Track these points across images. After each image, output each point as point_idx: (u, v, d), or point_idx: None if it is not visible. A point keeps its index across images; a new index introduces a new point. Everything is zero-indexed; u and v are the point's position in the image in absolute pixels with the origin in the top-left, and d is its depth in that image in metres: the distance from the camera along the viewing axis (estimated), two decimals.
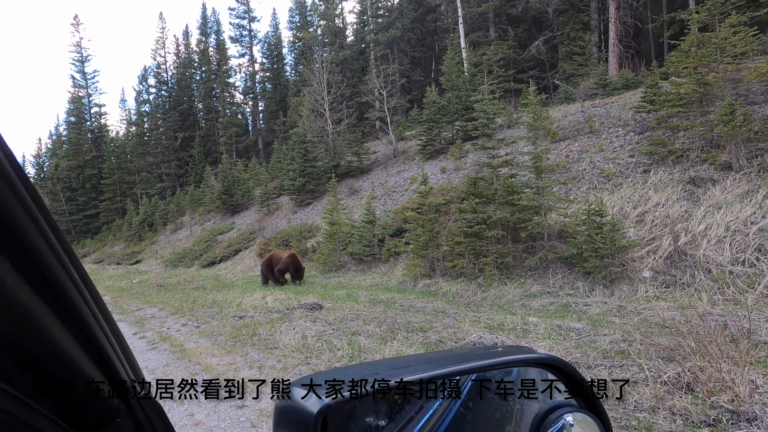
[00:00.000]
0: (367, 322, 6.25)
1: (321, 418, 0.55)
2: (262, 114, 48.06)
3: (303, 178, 20.77)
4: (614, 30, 22.76)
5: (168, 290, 12.64)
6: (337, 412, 0.60)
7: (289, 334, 5.91)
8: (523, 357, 0.77)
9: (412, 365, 0.71)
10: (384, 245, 11.71)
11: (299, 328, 6.16)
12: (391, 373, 0.66)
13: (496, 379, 0.73)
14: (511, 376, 0.75)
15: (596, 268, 6.76)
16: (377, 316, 6.57)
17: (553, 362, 0.70)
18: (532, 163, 8.22)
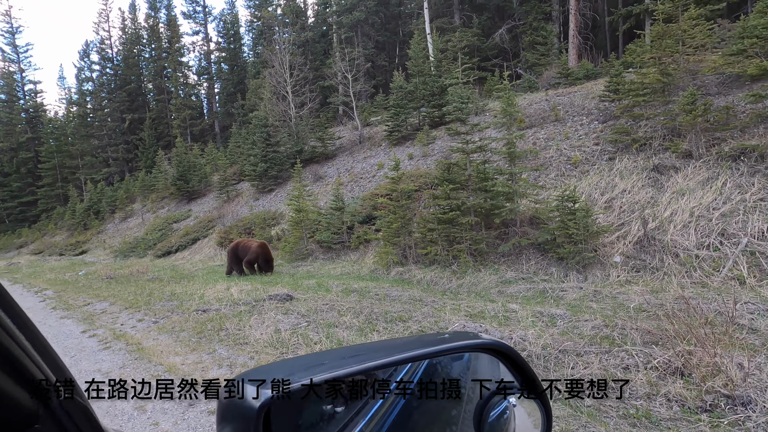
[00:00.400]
0: (342, 313, 5.98)
1: (263, 413, 0.53)
2: (219, 96, 45.83)
3: (265, 163, 19.95)
4: (574, 22, 23.23)
5: (119, 282, 11.74)
6: (282, 406, 0.58)
7: (260, 328, 5.53)
8: (471, 343, 0.78)
9: (362, 354, 0.70)
10: (353, 232, 11.41)
11: (271, 322, 5.79)
12: (340, 363, 0.65)
13: (444, 364, 0.75)
14: (461, 360, 0.76)
15: (570, 254, 6.83)
16: (353, 306, 6.31)
17: (499, 347, 0.71)
18: (506, 149, 8.17)
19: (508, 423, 0.70)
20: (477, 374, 0.75)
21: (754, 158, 7.22)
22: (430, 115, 18.21)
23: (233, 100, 40.90)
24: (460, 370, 0.76)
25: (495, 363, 0.74)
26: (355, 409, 0.67)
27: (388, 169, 17.15)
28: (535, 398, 0.71)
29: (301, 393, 0.59)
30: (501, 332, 4.53)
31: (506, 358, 0.74)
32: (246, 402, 0.54)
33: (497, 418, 0.69)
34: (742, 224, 6.12)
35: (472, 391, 0.74)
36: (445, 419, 0.72)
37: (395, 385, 0.71)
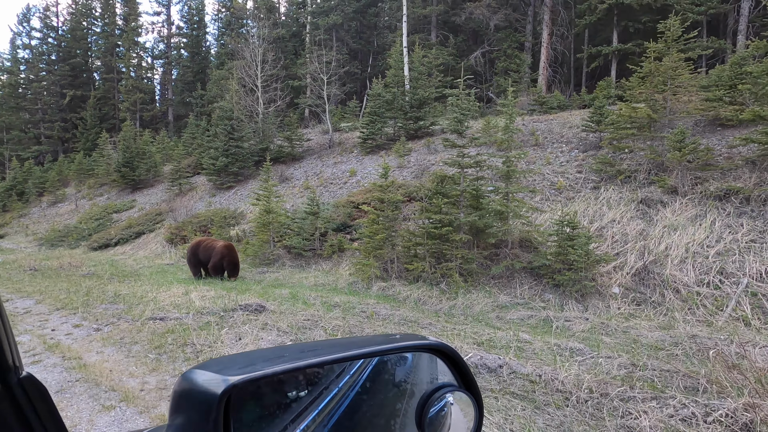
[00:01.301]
0: (329, 332, 5.24)
1: (225, 398, 0.52)
2: (175, 84, 43.07)
3: (226, 158, 18.61)
4: (545, 54, 24.12)
5: (47, 276, 10.10)
6: (242, 393, 0.58)
7: (235, 346, 4.67)
8: (416, 343, 0.81)
9: (318, 350, 0.73)
10: (326, 240, 10.64)
11: (247, 338, 4.94)
12: (300, 356, 0.69)
13: (393, 363, 0.79)
14: (406, 360, 0.80)
15: (569, 281, 6.56)
16: (339, 324, 5.59)
17: (441, 348, 0.76)
18: (505, 167, 7.88)
19: (446, 418, 0.73)
20: (421, 372, 0.78)
21: (739, 200, 7.42)
22: (405, 127, 17.91)
23: (192, 89, 38.59)
24: (406, 368, 0.79)
25: (437, 362, 0.77)
26: (308, 401, 0.68)
27: (361, 177, 16.63)
28: (470, 395, 0.74)
29: (259, 382, 0.60)
30: (525, 367, 4.03)
31: (447, 358, 0.77)
32: (206, 390, 0.52)
33: (437, 413, 0.73)
34: (739, 264, 6.16)
35: (415, 388, 0.77)
36: (389, 413, 0.75)
37: (347, 379, 0.73)
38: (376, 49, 36.18)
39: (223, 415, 0.53)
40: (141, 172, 23.25)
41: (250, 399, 0.62)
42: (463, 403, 0.75)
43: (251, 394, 0.62)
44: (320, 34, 30.34)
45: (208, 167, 18.89)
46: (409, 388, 0.78)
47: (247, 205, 16.27)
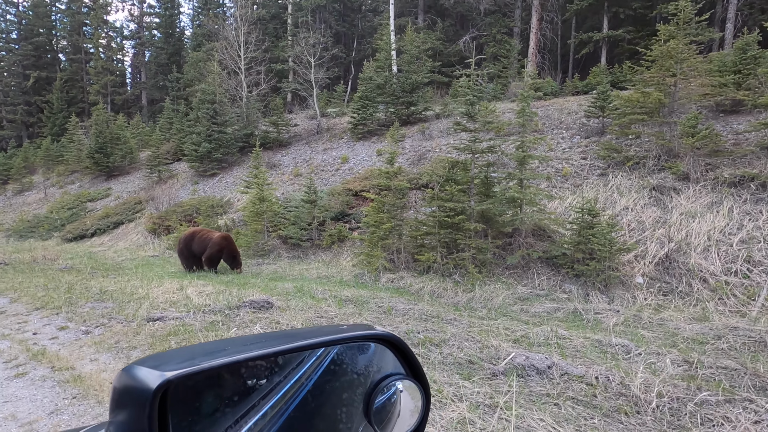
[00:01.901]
0: None
1: (158, 395, 0.51)
2: (148, 66, 41.01)
3: (209, 143, 17.69)
4: (534, 40, 23.84)
5: (19, 271, 9.26)
6: (181, 388, 0.56)
7: None
8: (364, 333, 0.81)
9: (262, 342, 0.71)
10: (325, 229, 10.13)
11: None
12: (242, 349, 0.66)
13: (341, 353, 0.77)
14: (354, 350, 0.79)
15: (592, 271, 6.30)
16: (357, 322, 5.17)
17: (388, 338, 0.77)
18: (520, 152, 7.52)
19: (394, 405, 0.74)
20: (369, 362, 0.78)
21: (755, 186, 7.30)
22: (397, 113, 17.37)
23: (166, 72, 36.79)
24: (354, 358, 0.78)
25: (384, 352, 0.78)
26: (258, 395, 0.66)
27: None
28: (417, 384, 0.75)
29: (199, 377, 0.58)
30: (576, 368, 3.71)
31: (395, 348, 0.78)
32: (141, 386, 0.51)
33: (384, 402, 0.74)
34: (765, 252, 6.02)
35: (363, 377, 0.77)
36: (337, 403, 0.74)
37: (296, 371, 0.72)
38: (360, 33, 35.21)
39: (158, 410, 0.52)
40: (116, 158, 21.99)
41: (190, 394, 0.60)
42: (411, 391, 0.75)
43: (191, 389, 0.60)
44: (303, 15, 29.22)
45: (189, 153, 17.94)
46: (357, 378, 0.77)
47: (235, 193, 15.53)
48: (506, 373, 3.78)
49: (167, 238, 12.62)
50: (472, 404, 3.16)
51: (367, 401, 0.72)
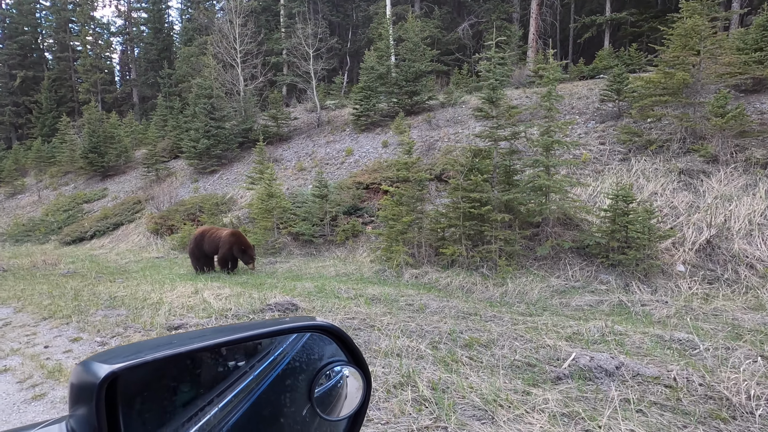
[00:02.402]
0: (390, 334, 4.49)
1: (106, 384, 0.53)
2: (138, 63, 40.10)
3: (208, 140, 17.18)
4: (534, 25, 23.40)
5: (20, 277, 8.83)
6: (130, 380, 0.58)
7: None
8: (306, 324, 0.84)
9: (208, 335, 0.73)
10: (337, 225, 9.76)
11: None
12: (187, 341, 0.68)
13: (286, 344, 0.80)
14: (297, 340, 0.82)
15: (630, 261, 6.00)
16: (390, 322, 4.85)
17: (329, 328, 0.80)
18: (545, 137, 7.18)
19: (339, 390, 0.78)
20: (312, 352, 0.82)
21: None
22: (400, 103, 16.94)
23: (157, 68, 35.99)
24: (298, 348, 0.81)
25: (327, 341, 0.81)
26: (211, 387, 0.68)
27: (359, 156, 15.63)
28: (358, 369, 0.78)
29: (145, 369, 0.60)
30: (647, 368, 3.41)
31: (335, 337, 0.80)
32: (89, 379, 0.53)
33: (329, 387, 0.77)
34: None
35: (307, 365, 0.80)
36: (282, 390, 0.77)
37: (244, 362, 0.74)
38: (354, 23, 34.57)
39: (106, 402, 0.53)
40: (110, 158, 21.41)
41: (139, 386, 0.62)
42: (354, 375, 0.78)
43: (140, 381, 0.62)
44: (297, 5, 28.52)
45: (188, 150, 17.43)
46: (300, 366, 0.79)
47: (238, 190, 15.10)
48: (572, 376, 3.47)
49: (171, 239, 12.20)
50: (550, 415, 2.85)
51: (309, 387, 0.74)
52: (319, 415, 0.74)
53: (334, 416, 0.77)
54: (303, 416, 0.74)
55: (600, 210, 6.86)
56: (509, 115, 7.39)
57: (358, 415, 0.77)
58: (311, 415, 0.74)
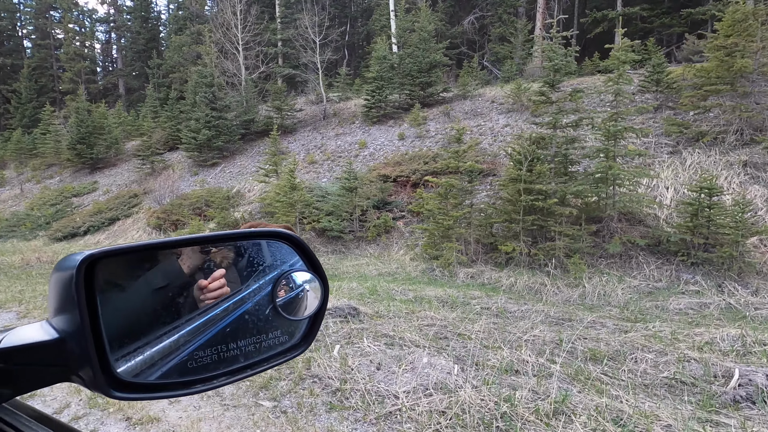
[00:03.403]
0: (487, 344, 3.82)
1: (84, 266, 0.56)
2: (125, 52, 38.45)
3: (209, 130, 16.18)
4: (541, 20, 22.97)
5: (14, 277, 7.84)
6: (108, 266, 0.61)
7: (394, 381, 3.13)
8: (265, 230, 0.93)
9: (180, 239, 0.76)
10: (366, 220, 9.02)
11: (404, 365, 3.40)
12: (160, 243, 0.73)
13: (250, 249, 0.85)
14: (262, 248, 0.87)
15: (720, 259, 5.44)
16: (480, 330, 4.17)
17: (286, 234, 0.84)
18: (610, 126, 6.58)
19: (301, 294, 0.83)
20: (275, 258, 0.86)
21: None
22: (412, 94, 16.25)
23: (145, 59, 34.55)
24: (261, 254, 0.86)
25: (286, 248, 0.85)
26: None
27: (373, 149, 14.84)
28: (315, 274, 0.82)
29: (122, 258, 0.64)
30: None
31: (293, 243, 0.84)
32: (69, 263, 0.56)
33: (292, 292, 0.83)
34: None
35: (270, 269, 0.84)
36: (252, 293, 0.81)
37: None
38: (353, 15, 33.76)
39: (84, 285, 0.56)
40: (100, 149, 20.15)
41: (120, 274, 0.65)
42: (311, 281, 0.82)
43: (121, 269, 0.65)
44: None
45: (188, 142, 16.40)
46: (264, 270, 0.83)
47: (244, 184, 14.19)
48: (752, 398, 2.84)
49: (177, 234, 11.26)
50: None
51: (272, 290, 0.79)
52: (282, 315, 0.78)
53: (296, 316, 0.81)
54: (266, 315, 0.78)
55: (680, 203, 6.29)
56: (571, 100, 6.75)
57: (317, 315, 0.82)
58: (274, 315, 0.78)
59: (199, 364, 0.68)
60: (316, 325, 0.82)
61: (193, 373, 0.67)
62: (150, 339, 0.63)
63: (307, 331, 0.82)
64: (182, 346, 0.66)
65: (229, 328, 0.73)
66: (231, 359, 0.72)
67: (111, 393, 0.55)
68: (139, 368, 0.61)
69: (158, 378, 0.63)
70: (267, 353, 0.77)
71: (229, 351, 0.72)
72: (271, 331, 0.78)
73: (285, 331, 0.80)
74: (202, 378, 0.67)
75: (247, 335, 0.75)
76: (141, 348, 0.62)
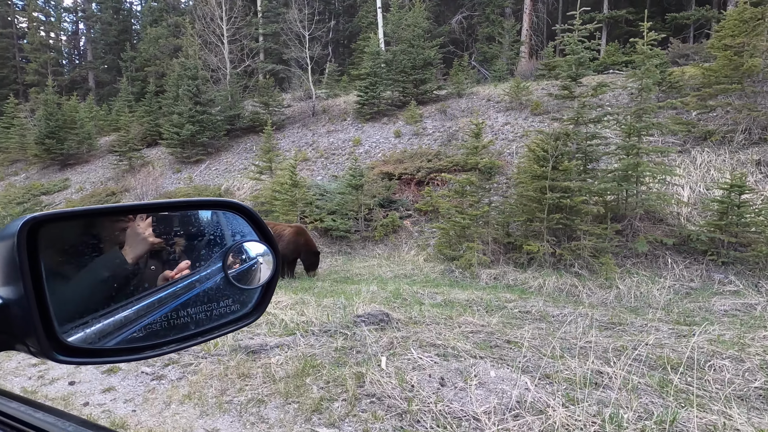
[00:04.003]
0: (543, 351, 3.50)
1: (26, 228, 0.55)
2: (95, 44, 36.61)
3: (193, 125, 15.37)
4: (528, 21, 23.14)
5: None
6: (52, 232, 0.60)
7: (467, 399, 2.75)
8: (216, 200, 0.90)
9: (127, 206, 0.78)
10: (372, 219, 8.61)
11: (454, 379, 3.02)
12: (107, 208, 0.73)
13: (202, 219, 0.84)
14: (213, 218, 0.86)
15: (759, 257, 5.32)
16: (530, 337, 3.85)
17: (236, 204, 0.83)
18: (634, 119, 6.42)
19: (253, 264, 0.83)
20: (226, 228, 0.85)
21: None
22: (406, 91, 15.93)
23: (117, 51, 33.02)
24: (213, 224, 0.85)
25: (238, 218, 0.84)
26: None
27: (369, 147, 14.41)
28: (266, 243, 0.82)
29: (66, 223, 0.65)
30: None
31: (244, 213, 0.83)
32: (11, 227, 0.56)
33: (244, 262, 0.82)
34: None
35: (221, 238, 0.83)
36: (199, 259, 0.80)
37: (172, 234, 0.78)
38: (337, 11, 33.18)
39: (27, 251, 0.54)
40: (71, 145, 18.91)
41: (63, 241, 0.64)
42: (262, 251, 0.82)
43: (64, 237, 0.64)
44: None
45: (170, 137, 15.54)
46: (215, 240, 0.82)
47: (232, 181, 13.52)
48: None
49: None
50: None
51: (224, 260, 0.77)
52: (234, 285, 0.78)
53: (248, 285, 0.81)
54: (218, 284, 0.77)
55: (704, 201, 6.17)
56: (594, 94, 6.55)
57: (269, 285, 0.82)
58: (226, 284, 0.77)
59: (150, 331, 0.68)
60: (268, 294, 0.83)
61: (143, 340, 0.67)
62: (103, 312, 0.63)
63: (259, 299, 0.82)
64: (136, 318, 0.66)
65: (180, 297, 0.73)
66: (181, 326, 0.72)
67: (55, 357, 0.54)
68: (90, 338, 0.61)
69: (108, 346, 0.63)
70: (218, 321, 0.77)
71: (179, 318, 0.72)
72: (223, 300, 0.78)
73: (236, 300, 0.80)
74: (152, 344, 0.67)
75: (198, 303, 0.75)
76: (94, 320, 0.62)
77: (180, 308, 0.72)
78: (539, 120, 12.19)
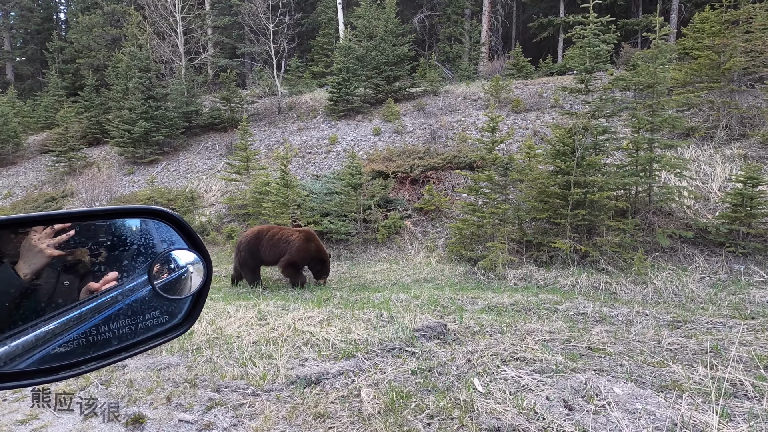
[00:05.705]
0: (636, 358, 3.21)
1: None
2: (13, 32, 32.65)
3: (146, 122, 13.88)
4: (487, 22, 23.59)
5: None
6: None
7: (615, 427, 2.35)
8: (138, 208, 0.83)
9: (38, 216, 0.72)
10: (371, 220, 8.06)
11: (576, 400, 2.62)
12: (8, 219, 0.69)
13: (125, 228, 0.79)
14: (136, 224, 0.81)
15: None
16: (611, 343, 3.56)
17: (161, 212, 0.79)
18: (648, 113, 6.42)
19: (183, 273, 0.78)
20: (153, 237, 0.80)
21: None
22: (377, 88, 15.49)
23: (41, 41, 29.74)
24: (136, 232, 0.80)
25: (164, 226, 0.80)
26: None
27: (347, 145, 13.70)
28: (196, 252, 0.78)
29: None
30: None
31: (171, 221, 0.79)
32: None
33: (173, 271, 0.78)
34: None
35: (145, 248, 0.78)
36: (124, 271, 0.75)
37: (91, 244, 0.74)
38: (293, 7, 31.99)
39: None
40: None
41: None
42: (192, 258, 0.78)
43: None
44: None
45: (119, 135, 13.94)
46: (139, 250, 0.77)
47: (198, 183, 12.33)
48: None
49: None
50: None
51: (149, 271, 0.73)
52: (161, 296, 0.74)
53: (177, 295, 0.76)
54: (143, 296, 0.72)
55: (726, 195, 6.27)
56: (609, 88, 6.47)
57: (200, 293, 0.77)
58: (152, 296, 0.73)
59: (66, 350, 0.64)
60: (199, 303, 0.78)
61: (58, 360, 0.63)
62: (8, 333, 0.59)
63: (189, 309, 0.78)
64: (51, 337, 0.63)
65: (100, 312, 0.68)
66: (102, 343, 0.68)
67: None
68: None
69: (18, 369, 0.59)
70: (144, 334, 0.72)
71: (99, 335, 0.67)
72: (149, 312, 0.74)
73: (165, 311, 0.76)
74: (68, 364, 0.64)
75: (121, 317, 0.70)
76: None
77: (101, 324, 0.67)
78: (521, 117, 12.25)
